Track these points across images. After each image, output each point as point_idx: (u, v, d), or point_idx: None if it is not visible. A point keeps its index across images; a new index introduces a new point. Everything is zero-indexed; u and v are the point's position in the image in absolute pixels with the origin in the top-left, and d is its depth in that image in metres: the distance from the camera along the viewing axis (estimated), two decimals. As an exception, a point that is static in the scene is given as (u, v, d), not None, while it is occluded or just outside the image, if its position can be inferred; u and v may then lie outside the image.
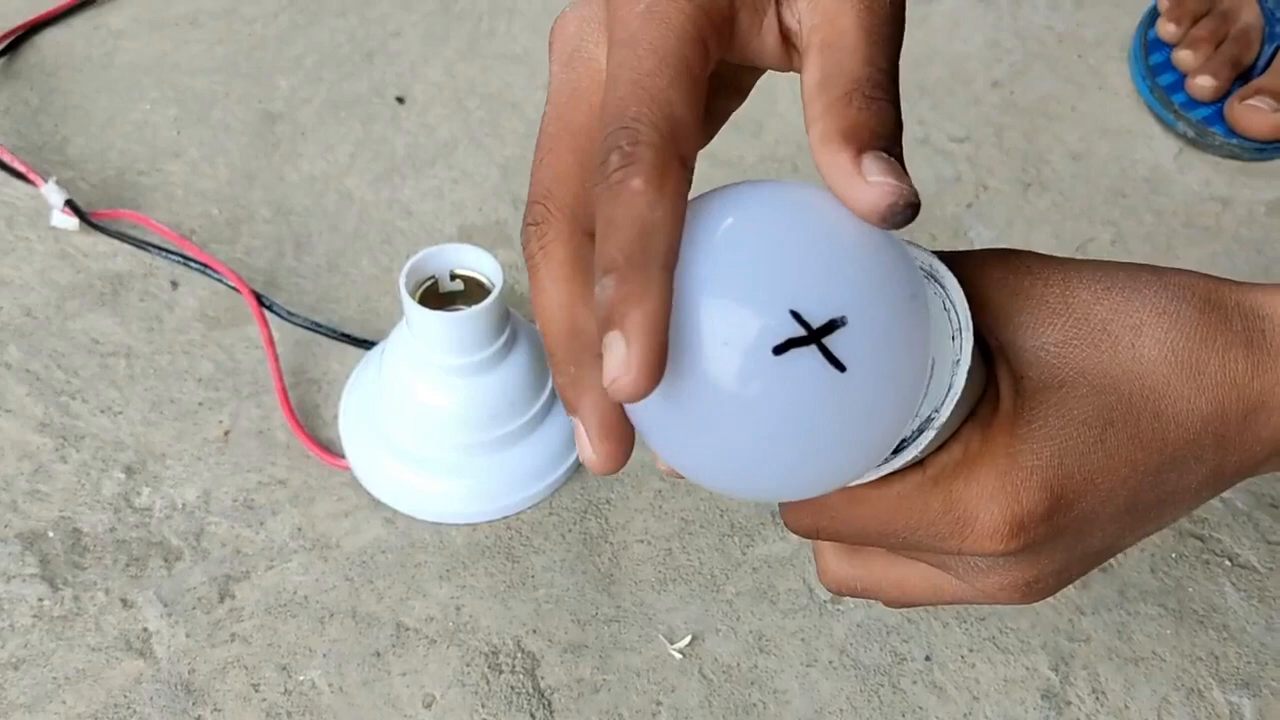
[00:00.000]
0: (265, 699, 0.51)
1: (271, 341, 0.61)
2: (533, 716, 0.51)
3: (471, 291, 0.55)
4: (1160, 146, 0.76)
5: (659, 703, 0.51)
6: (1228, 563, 0.56)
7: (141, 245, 0.66)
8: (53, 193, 0.66)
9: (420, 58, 0.79)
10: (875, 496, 0.31)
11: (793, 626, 0.54)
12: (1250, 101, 0.72)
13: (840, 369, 0.26)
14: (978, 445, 0.31)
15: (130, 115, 0.75)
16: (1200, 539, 0.57)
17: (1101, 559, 0.34)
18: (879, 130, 0.27)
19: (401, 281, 0.53)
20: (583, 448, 0.29)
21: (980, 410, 0.31)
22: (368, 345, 0.62)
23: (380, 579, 0.55)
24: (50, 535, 0.56)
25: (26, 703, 0.50)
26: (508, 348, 0.55)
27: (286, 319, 0.63)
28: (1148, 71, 0.77)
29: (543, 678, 0.52)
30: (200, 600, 0.54)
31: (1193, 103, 0.75)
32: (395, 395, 0.56)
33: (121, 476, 0.58)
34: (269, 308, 0.63)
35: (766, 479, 0.28)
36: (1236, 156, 0.74)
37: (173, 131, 0.74)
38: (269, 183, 0.71)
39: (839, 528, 0.33)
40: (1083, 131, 0.76)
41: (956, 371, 0.29)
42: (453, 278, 0.55)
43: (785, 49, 0.31)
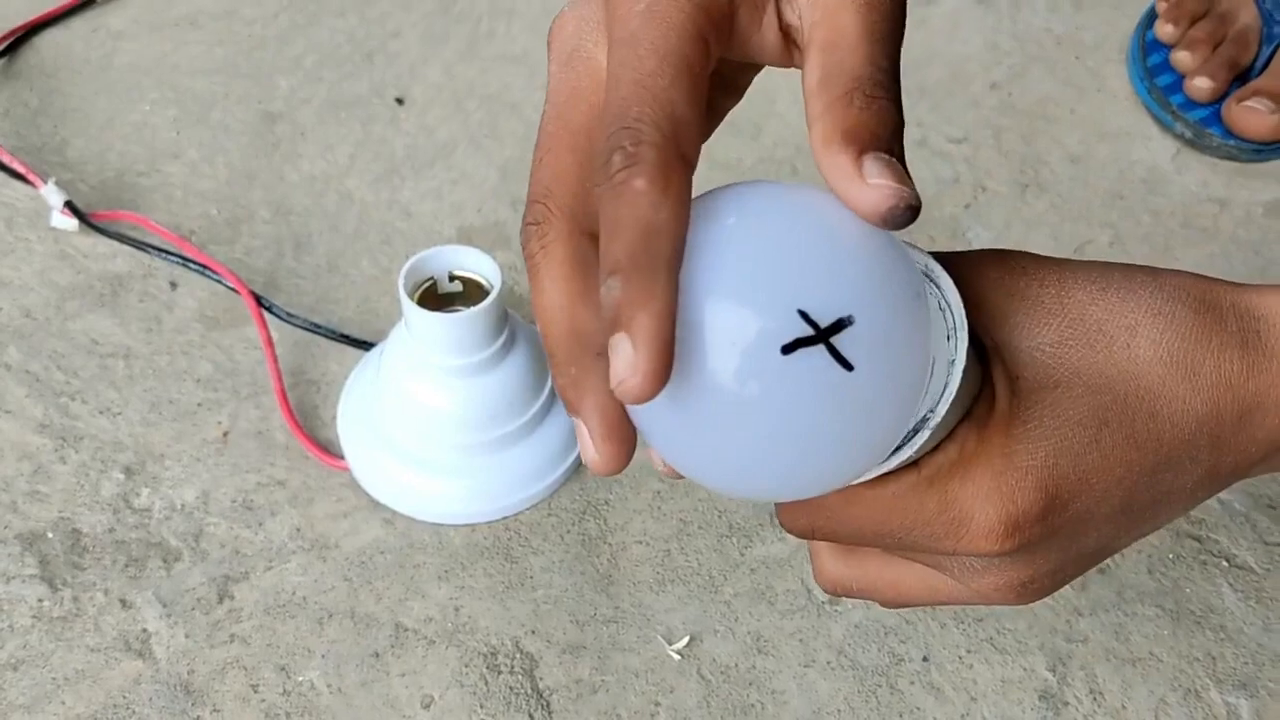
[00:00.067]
0: (264, 699, 0.51)
1: (270, 342, 0.61)
2: (531, 717, 0.51)
3: (470, 293, 0.55)
4: (1158, 148, 0.76)
5: (657, 703, 0.51)
6: (1225, 564, 0.56)
7: (141, 246, 0.66)
8: (52, 194, 0.67)
9: (420, 58, 0.79)
10: (870, 497, 0.31)
11: (791, 627, 0.54)
12: (1248, 103, 0.72)
13: (848, 368, 0.26)
14: (973, 445, 0.31)
15: (130, 116, 0.75)
16: (1198, 540, 0.57)
17: (1097, 560, 0.34)
18: (879, 131, 0.27)
19: (400, 283, 0.53)
20: (585, 449, 0.28)
21: (976, 410, 0.31)
22: (367, 346, 0.62)
23: (379, 580, 0.55)
24: (49, 536, 0.56)
25: (26, 703, 0.51)
26: (506, 349, 0.55)
27: (285, 320, 0.63)
28: (1146, 73, 0.77)
29: (541, 678, 0.52)
30: (199, 601, 0.54)
31: (1190, 104, 0.75)
32: (394, 396, 0.56)
33: (121, 477, 0.58)
34: (268, 308, 0.63)
35: (770, 478, 0.28)
36: (1234, 158, 0.75)
37: (172, 132, 0.74)
38: (268, 183, 0.72)
39: (834, 528, 0.33)
40: (1081, 133, 0.76)
41: (952, 372, 0.29)
42: (451, 279, 0.55)
43: (785, 45, 0.31)
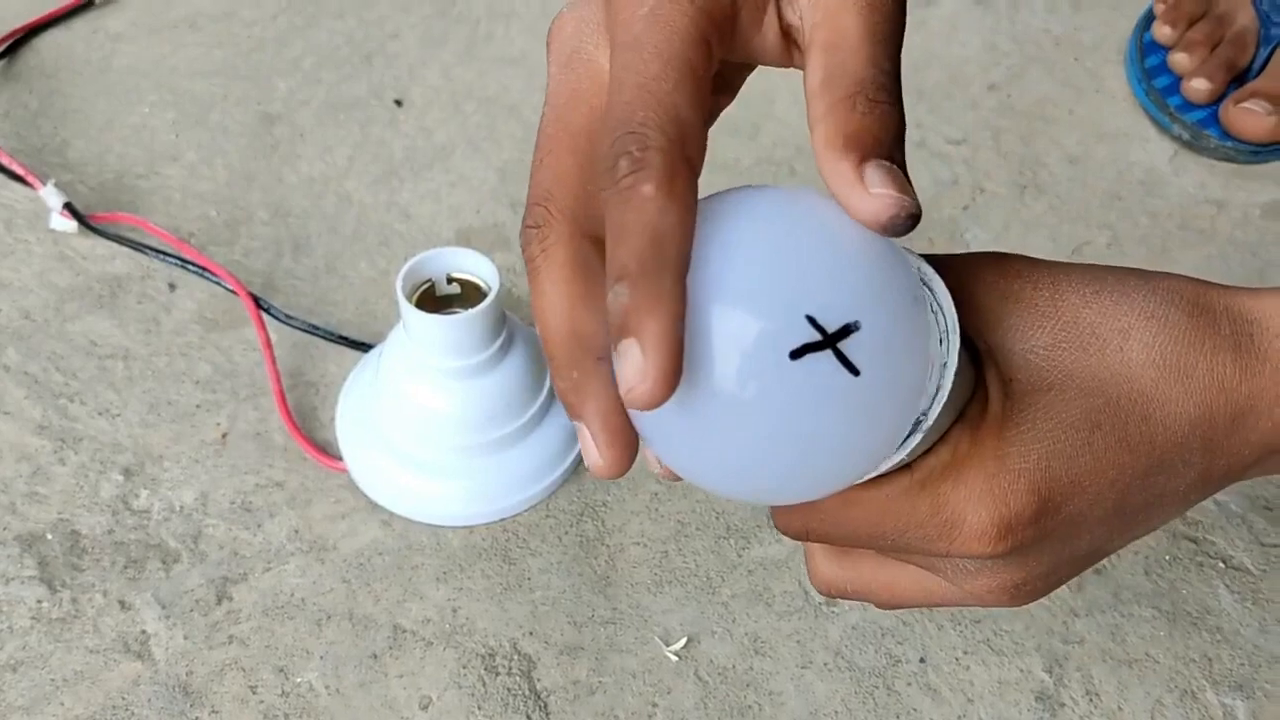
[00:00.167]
0: (263, 701, 0.51)
1: (269, 344, 0.61)
2: (529, 718, 0.51)
3: (468, 294, 0.55)
4: (1156, 149, 0.76)
5: (655, 704, 0.51)
6: (1221, 565, 0.56)
7: (140, 248, 0.66)
8: (51, 195, 0.67)
9: (418, 60, 0.80)
10: (864, 499, 0.31)
11: (788, 628, 0.54)
12: (1245, 104, 0.72)
13: (855, 373, 0.26)
14: (966, 448, 0.31)
15: (129, 118, 0.75)
16: (1194, 541, 0.57)
17: (1090, 562, 0.34)
18: (882, 136, 0.28)
19: (398, 285, 0.53)
20: (588, 452, 0.28)
21: (969, 413, 0.31)
22: (365, 348, 0.62)
23: (377, 581, 0.55)
24: (49, 537, 0.56)
25: (25, 705, 0.51)
26: (504, 350, 0.55)
27: (284, 321, 0.63)
28: (1144, 74, 0.77)
29: (539, 679, 0.52)
30: (198, 602, 0.54)
31: (1188, 105, 0.75)
32: (392, 398, 0.56)
33: (120, 478, 0.58)
34: (267, 310, 0.63)
35: (772, 481, 0.28)
36: (1231, 159, 0.75)
37: (171, 134, 0.74)
38: (267, 185, 0.72)
39: (828, 530, 0.33)
40: (1079, 134, 0.76)
41: (944, 375, 0.29)
42: (450, 281, 0.55)
43: (785, 46, 0.31)
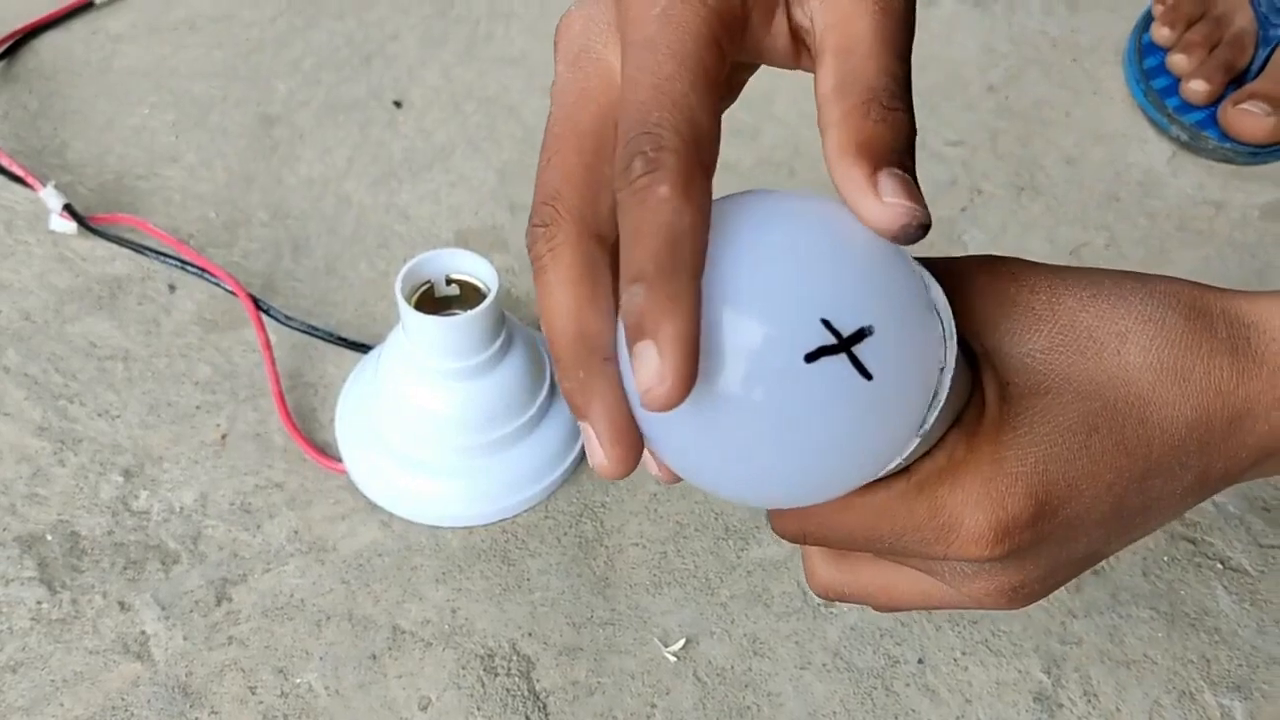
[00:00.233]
0: (262, 701, 0.51)
1: (268, 345, 0.61)
2: (528, 719, 0.51)
3: (467, 296, 0.55)
4: (1154, 150, 0.76)
5: (653, 705, 0.51)
6: (1219, 566, 0.56)
7: (139, 249, 0.66)
8: (51, 197, 0.67)
9: (418, 61, 0.80)
10: (862, 503, 0.31)
11: (786, 629, 0.54)
12: (1243, 106, 0.73)
13: (867, 377, 0.26)
14: (963, 451, 0.31)
15: (128, 119, 0.75)
16: (1192, 542, 0.57)
17: (1087, 565, 0.34)
18: (894, 144, 0.28)
19: (397, 286, 0.53)
20: (593, 452, 0.28)
21: (966, 416, 0.31)
22: (364, 349, 0.62)
23: (376, 582, 0.55)
24: (48, 538, 0.56)
25: (24, 705, 0.51)
26: (503, 351, 0.55)
27: (283, 323, 0.63)
28: (1142, 76, 0.77)
29: (538, 680, 0.52)
30: (197, 603, 0.54)
31: (1186, 107, 0.75)
32: (391, 399, 0.56)
33: (119, 480, 0.58)
34: (266, 311, 0.63)
35: (780, 484, 0.28)
36: (1230, 160, 0.75)
37: (171, 136, 0.74)
38: (266, 186, 0.72)
39: (826, 533, 0.33)
40: (1077, 136, 0.77)
41: (941, 379, 0.29)
42: (449, 282, 0.55)
43: (795, 48, 0.31)
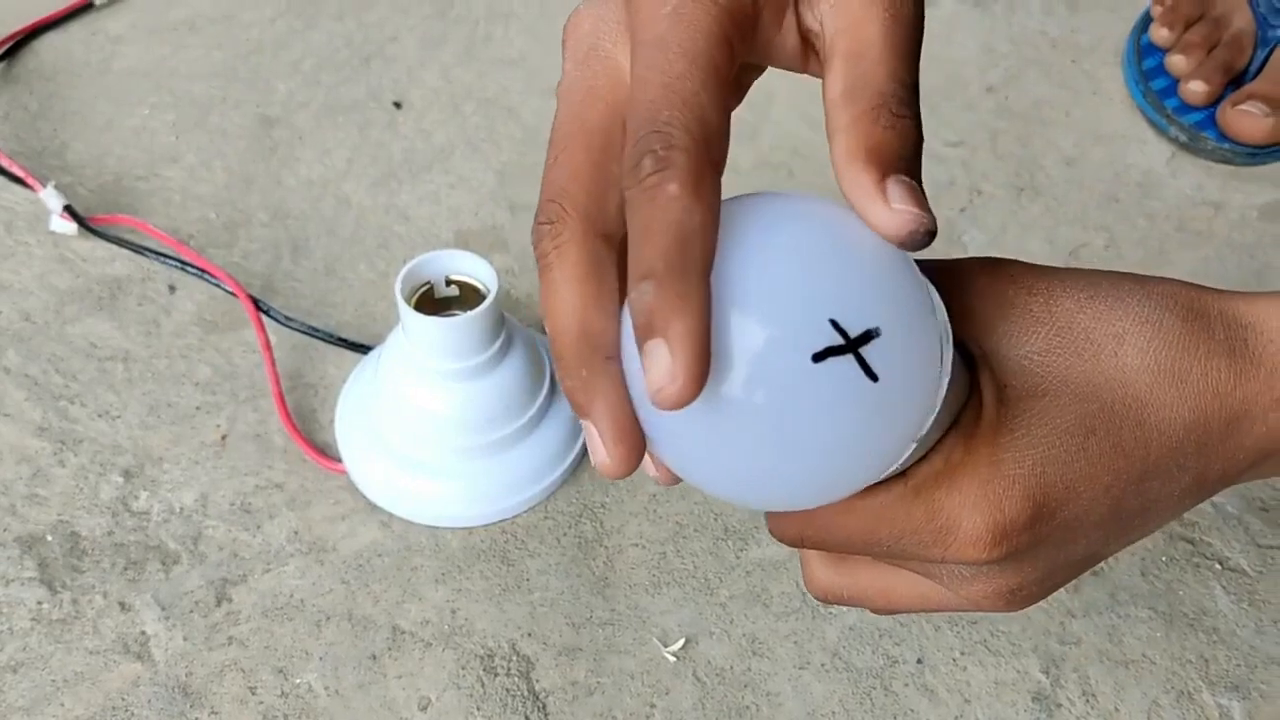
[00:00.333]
0: (262, 701, 0.51)
1: (268, 346, 0.61)
2: (527, 719, 0.51)
3: (467, 296, 0.55)
4: (1153, 151, 0.76)
5: (653, 705, 0.52)
6: (1218, 566, 0.56)
7: (139, 250, 0.66)
8: (51, 198, 0.67)
9: (417, 62, 0.80)
10: (859, 506, 0.31)
11: (785, 629, 0.54)
12: (1242, 106, 0.73)
13: (874, 379, 0.26)
14: (960, 454, 0.31)
15: (128, 120, 0.75)
16: (1191, 542, 0.57)
17: (1085, 567, 0.34)
18: (902, 152, 0.28)
19: (397, 287, 0.53)
20: (595, 451, 0.28)
21: (963, 419, 0.31)
22: (364, 350, 0.62)
23: (376, 582, 0.55)
24: (49, 539, 0.56)
25: (25, 705, 0.51)
26: (503, 352, 0.55)
27: (283, 323, 0.63)
28: (1141, 76, 0.78)
29: (538, 680, 0.52)
30: (197, 604, 0.54)
31: (1185, 107, 0.75)
32: (391, 399, 0.56)
33: (119, 480, 0.58)
34: (266, 312, 0.63)
35: (783, 485, 0.28)
36: (1229, 161, 0.75)
37: (170, 136, 0.74)
38: (266, 187, 0.72)
39: (824, 537, 0.33)
40: (1076, 136, 0.77)
41: (939, 382, 0.29)
42: (448, 283, 0.55)
43: (803, 50, 0.31)
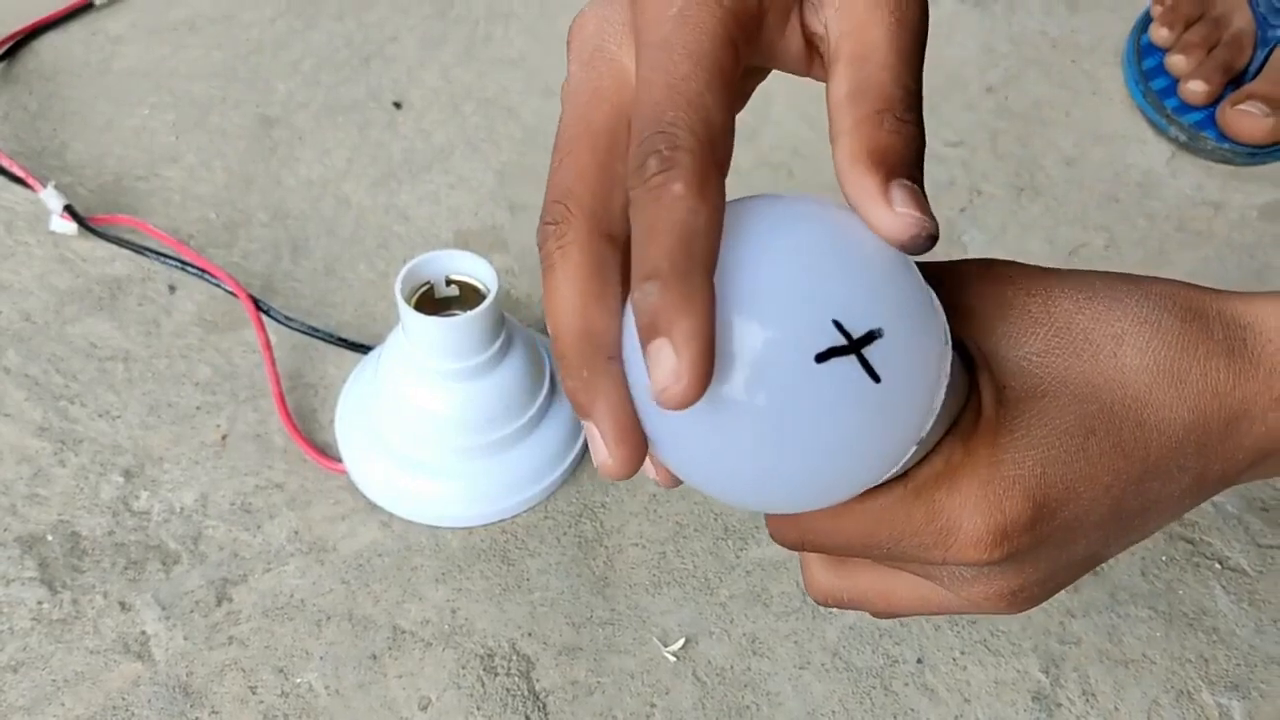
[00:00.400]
0: (262, 701, 0.51)
1: (269, 346, 0.61)
2: (528, 718, 0.51)
3: (467, 296, 0.55)
4: (1153, 151, 0.76)
5: (653, 705, 0.52)
6: (1218, 566, 0.56)
7: (139, 250, 0.66)
8: (51, 198, 0.67)
9: (417, 63, 0.80)
10: (859, 510, 0.31)
11: (785, 629, 0.54)
12: (1242, 106, 0.73)
13: (876, 379, 0.26)
14: (960, 455, 0.31)
15: (128, 120, 0.75)
16: (1190, 542, 0.57)
17: (1086, 568, 0.34)
18: (907, 156, 0.28)
19: (397, 287, 0.53)
20: (596, 451, 0.28)
21: (962, 421, 0.31)
22: (364, 350, 0.63)
23: (376, 582, 0.55)
24: (49, 539, 0.56)
25: (25, 705, 0.51)
26: (503, 352, 0.55)
27: (283, 323, 0.63)
28: (1140, 76, 0.78)
29: (538, 680, 0.52)
30: (198, 603, 0.54)
31: (1185, 107, 0.75)
32: (391, 399, 0.56)
33: (120, 480, 0.58)
34: (266, 312, 0.63)
35: (785, 487, 0.28)
36: (1228, 161, 0.75)
37: (170, 136, 0.74)
38: (266, 187, 0.72)
39: (823, 540, 0.33)
40: (1076, 136, 0.77)
41: (938, 384, 0.29)
42: (448, 283, 0.55)
43: (807, 53, 0.31)
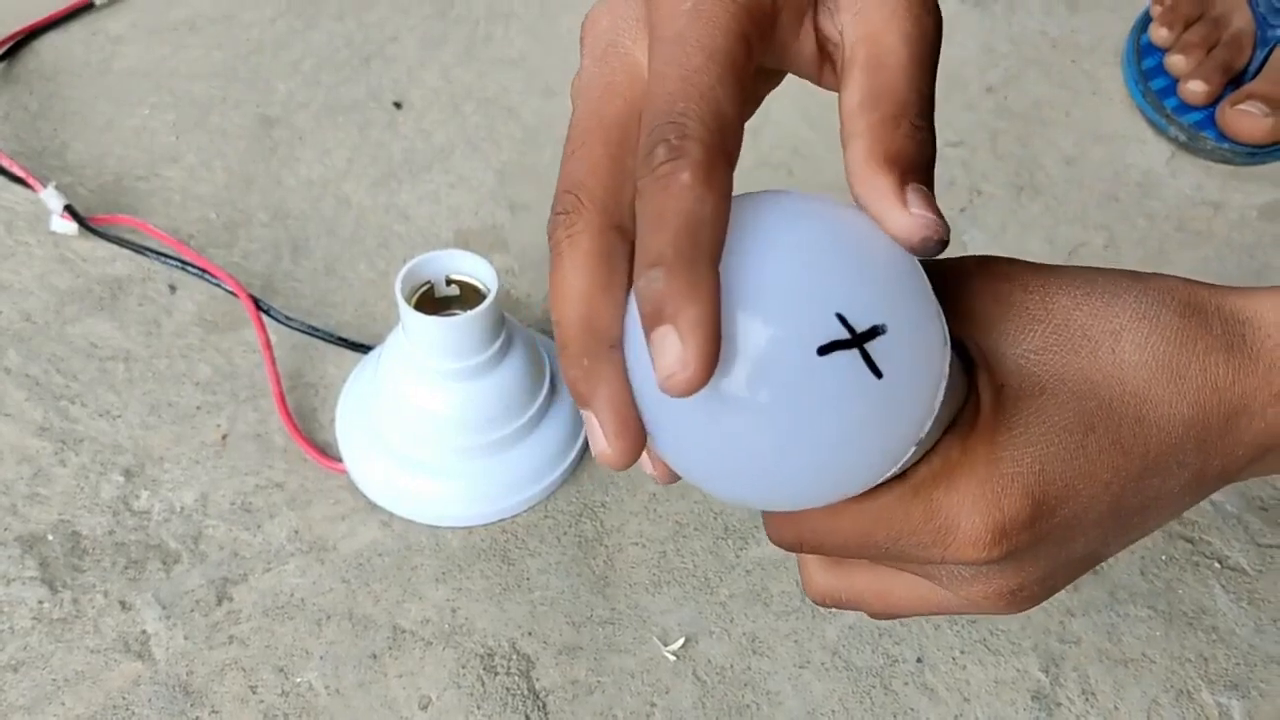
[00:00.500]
0: (263, 700, 0.51)
1: (269, 345, 0.61)
2: (528, 718, 0.51)
3: (467, 296, 0.55)
4: (1153, 151, 0.76)
5: (653, 704, 0.52)
6: (1217, 565, 0.56)
7: (140, 250, 0.67)
8: (52, 198, 0.67)
9: (417, 62, 0.80)
10: (856, 509, 0.31)
11: (785, 628, 0.54)
12: (1241, 106, 0.73)
13: (878, 375, 0.26)
14: (958, 454, 0.30)
15: (129, 120, 0.75)
16: (1190, 541, 0.57)
17: (1086, 567, 0.34)
18: (921, 162, 0.28)
19: (397, 287, 0.53)
20: (595, 441, 0.28)
21: (961, 419, 0.31)
22: (364, 349, 0.63)
23: (376, 581, 0.55)
24: (49, 538, 0.56)
25: (26, 705, 0.51)
26: (503, 352, 0.55)
27: (284, 323, 0.63)
28: (1140, 76, 0.78)
29: (538, 679, 0.52)
30: (198, 603, 0.54)
31: (1185, 107, 0.76)
32: (391, 399, 0.57)
33: (120, 480, 0.58)
34: (266, 312, 0.63)
35: (783, 482, 0.28)
36: (1228, 161, 0.75)
37: (171, 136, 0.74)
38: (266, 187, 0.72)
39: (821, 540, 0.32)
40: (1076, 136, 0.77)
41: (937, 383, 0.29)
42: (448, 283, 0.56)
43: (819, 58, 0.31)
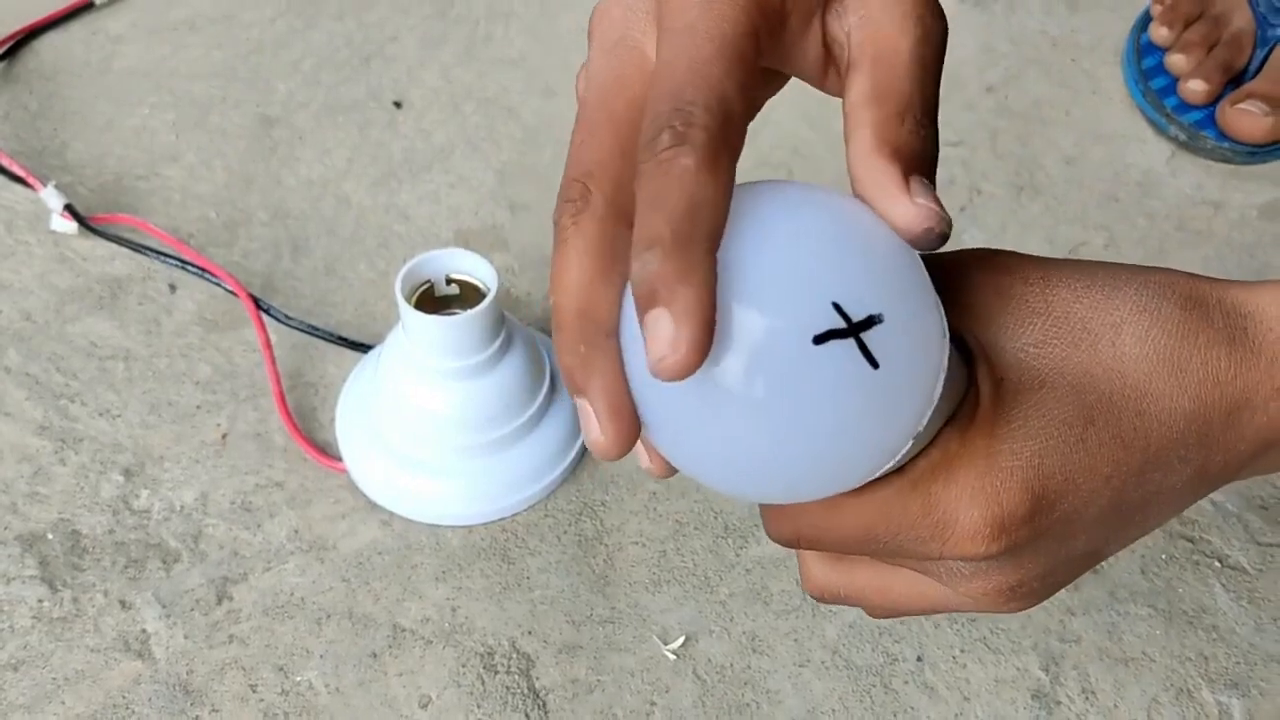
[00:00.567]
0: (263, 699, 0.51)
1: (269, 345, 0.61)
2: (528, 717, 0.51)
3: (467, 295, 0.55)
4: (1153, 150, 0.76)
5: (653, 703, 0.52)
6: (1217, 564, 0.56)
7: (140, 249, 0.67)
8: (52, 197, 0.67)
9: (417, 62, 0.80)
10: (854, 503, 0.31)
11: (785, 627, 0.54)
12: (1241, 105, 0.73)
13: (874, 365, 0.26)
14: (956, 447, 0.30)
15: (128, 120, 0.75)
16: (1190, 540, 0.57)
17: (1087, 565, 0.34)
18: (924, 158, 0.28)
19: (397, 286, 0.53)
20: (589, 429, 0.28)
21: (960, 412, 0.30)
22: (364, 349, 0.63)
23: (376, 580, 0.55)
24: (49, 537, 0.56)
25: (26, 704, 0.51)
26: (503, 351, 0.55)
27: (284, 322, 0.63)
28: (1140, 75, 0.78)
29: (538, 678, 0.52)
30: (198, 602, 0.54)
31: (1185, 106, 0.76)
32: (391, 398, 0.57)
33: (120, 479, 0.58)
34: (266, 311, 0.63)
35: (778, 474, 0.28)
36: (1228, 160, 0.75)
37: (171, 136, 0.74)
38: (266, 187, 0.72)
39: (820, 535, 0.32)
40: (1076, 136, 0.77)
41: (936, 376, 0.29)
42: (448, 282, 0.56)
43: (825, 61, 0.31)
